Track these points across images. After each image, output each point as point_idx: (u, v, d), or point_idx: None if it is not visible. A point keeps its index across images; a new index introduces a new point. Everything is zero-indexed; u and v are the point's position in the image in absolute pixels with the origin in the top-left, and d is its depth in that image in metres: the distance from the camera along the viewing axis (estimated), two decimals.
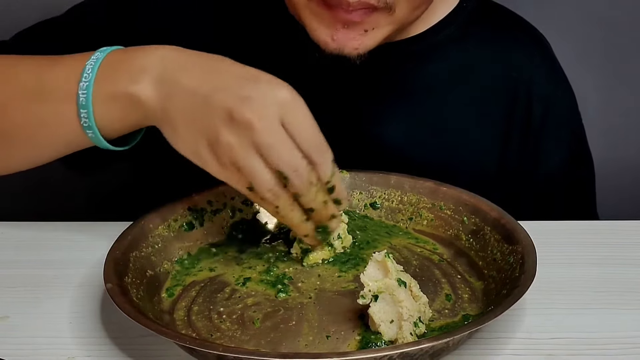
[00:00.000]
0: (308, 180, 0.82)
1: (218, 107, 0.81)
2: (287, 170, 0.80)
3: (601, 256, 0.93)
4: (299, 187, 0.82)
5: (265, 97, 0.81)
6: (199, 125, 0.81)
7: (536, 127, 1.11)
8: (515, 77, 1.10)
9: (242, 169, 0.80)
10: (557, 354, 0.77)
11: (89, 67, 0.86)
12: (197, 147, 0.82)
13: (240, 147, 0.80)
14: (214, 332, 0.78)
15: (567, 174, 1.14)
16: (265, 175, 0.81)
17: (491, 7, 1.15)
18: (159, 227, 0.90)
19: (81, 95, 0.85)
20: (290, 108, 0.81)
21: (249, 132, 0.79)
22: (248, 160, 0.80)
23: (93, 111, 0.85)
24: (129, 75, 0.85)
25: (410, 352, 0.70)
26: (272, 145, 0.80)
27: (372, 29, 0.94)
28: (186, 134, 0.83)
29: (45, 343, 0.80)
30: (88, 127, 0.86)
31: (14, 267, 0.92)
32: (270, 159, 0.80)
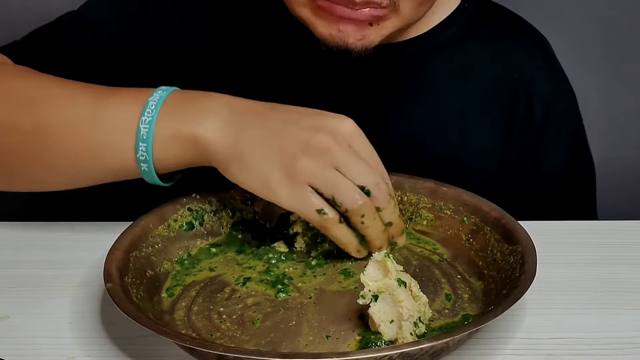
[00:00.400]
0: (388, 193, 0.87)
1: (292, 136, 0.85)
2: (370, 183, 0.85)
3: (601, 256, 0.93)
4: (382, 200, 0.86)
5: (335, 126, 0.85)
6: (273, 155, 0.84)
7: (537, 127, 1.11)
8: (516, 78, 1.10)
9: (324, 182, 0.83)
10: (557, 354, 0.77)
11: (152, 103, 0.88)
12: (268, 175, 0.84)
13: (319, 165, 0.83)
14: (214, 332, 0.78)
15: (568, 174, 1.14)
16: (351, 186, 0.84)
17: (492, 8, 1.15)
18: (159, 227, 0.90)
19: (142, 129, 0.87)
20: (356, 136, 0.86)
21: (327, 155, 0.84)
22: (330, 174, 0.84)
23: (153, 146, 0.87)
24: (194, 115, 0.88)
25: (410, 352, 0.70)
26: (351, 163, 0.84)
27: (377, 24, 0.94)
28: (256, 165, 0.85)
29: (45, 343, 0.80)
30: (144, 160, 0.88)
31: (14, 267, 0.92)
32: (352, 174, 0.84)
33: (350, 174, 0.84)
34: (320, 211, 0.84)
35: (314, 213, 0.84)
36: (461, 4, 1.11)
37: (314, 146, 0.84)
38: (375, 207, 0.86)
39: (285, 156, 0.84)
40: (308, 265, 0.89)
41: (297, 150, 0.84)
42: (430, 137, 1.09)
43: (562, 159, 1.14)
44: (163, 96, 0.89)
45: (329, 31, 0.94)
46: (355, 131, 0.86)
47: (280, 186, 0.84)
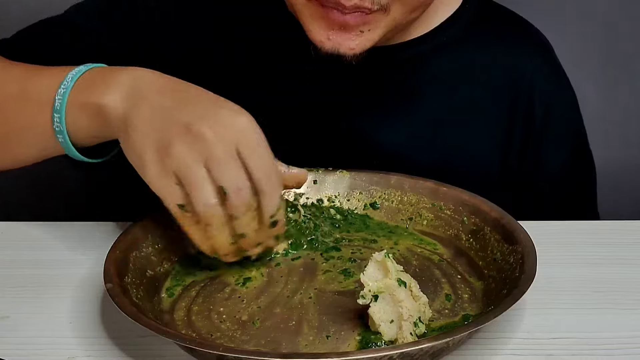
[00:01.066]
0: (248, 203, 0.82)
1: (177, 119, 0.82)
2: (229, 186, 0.81)
3: (601, 256, 0.93)
4: (236, 207, 0.81)
5: (225, 120, 0.82)
6: (154, 133, 0.82)
7: (538, 128, 1.11)
8: (518, 79, 1.10)
9: (185, 178, 0.80)
10: (557, 354, 0.77)
11: (69, 77, 0.89)
12: (143, 154, 0.82)
13: (189, 156, 0.80)
14: (213, 332, 0.78)
15: (569, 175, 1.14)
16: (206, 187, 0.81)
17: (493, 9, 1.15)
18: (159, 227, 0.90)
19: (57, 100, 0.88)
20: (247, 135, 0.82)
21: (201, 145, 0.80)
22: (193, 169, 0.80)
23: (65, 117, 0.88)
24: (103, 88, 0.87)
25: (410, 352, 0.70)
26: (220, 160, 0.80)
27: (367, 30, 0.94)
28: (138, 139, 0.83)
29: (45, 343, 0.80)
30: (59, 131, 0.89)
31: (14, 267, 0.92)
32: (215, 171, 0.80)
33: (214, 171, 0.80)
34: (182, 207, 0.82)
35: (174, 206, 0.82)
36: (462, 4, 1.11)
37: (193, 134, 0.80)
38: (228, 214, 0.82)
39: (163, 138, 0.82)
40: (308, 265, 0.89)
41: (176, 134, 0.81)
42: (431, 138, 1.09)
43: (563, 159, 1.14)
44: (82, 70, 0.90)
45: (320, 38, 0.95)
46: (246, 129, 0.82)
47: (151, 168, 0.82)
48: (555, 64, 1.14)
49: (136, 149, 0.83)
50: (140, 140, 0.83)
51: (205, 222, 0.82)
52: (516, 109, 1.10)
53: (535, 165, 1.12)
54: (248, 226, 0.83)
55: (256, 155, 0.82)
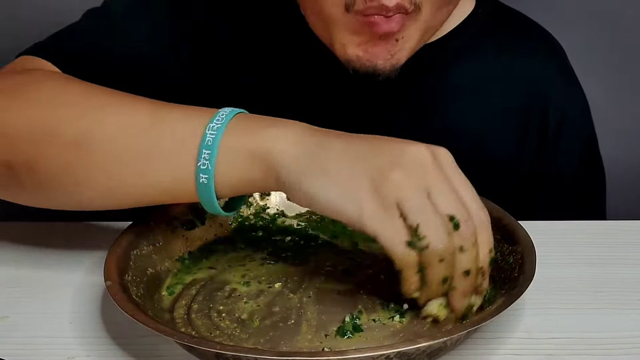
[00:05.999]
0: (475, 234, 0.75)
1: (382, 149, 0.75)
2: (459, 216, 0.73)
3: (601, 256, 0.93)
4: (467, 238, 0.74)
5: (433, 148, 0.76)
6: (360, 166, 0.74)
7: (551, 135, 1.11)
8: (531, 85, 1.10)
9: (412, 209, 0.72)
10: (557, 354, 0.77)
11: (222, 114, 0.80)
12: (355, 192, 0.73)
13: (413, 183, 0.73)
14: (213, 330, 0.79)
15: (579, 182, 1.14)
16: (438, 217, 0.73)
17: (506, 14, 1.15)
18: (160, 226, 0.90)
19: (209, 135, 0.78)
20: (454, 167, 0.76)
21: (421, 171, 0.73)
22: (420, 198, 0.73)
23: (218, 153, 0.78)
24: (267, 129, 0.78)
25: (407, 352, 0.69)
26: (445, 189, 0.74)
27: (401, 38, 0.92)
28: (340, 180, 0.74)
29: (45, 343, 0.80)
30: (205, 170, 0.78)
31: (14, 267, 0.92)
32: (443, 201, 0.73)
33: (440, 201, 0.73)
34: (411, 243, 0.73)
35: (401, 244, 0.73)
36: (475, 9, 1.11)
37: (408, 157, 0.74)
38: (457, 247, 0.74)
39: (376, 167, 0.73)
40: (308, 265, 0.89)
41: (388, 161, 0.73)
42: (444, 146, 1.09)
43: (573, 165, 1.14)
44: (235, 111, 0.81)
45: (356, 52, 0.93)
46: (453, 161, 0.76)
47: (368, 202, 0.73)
48: (568, 70, 1.14)
49: (344, 186, 0.74)
50: (344, 177, 0.74)
51: (439, 257, 0.73)
52: (530, 115, 1.10)
53: (547, 170, 1.12)
54: (474, 262, 0.75)
55: (466, 186, 0.76)
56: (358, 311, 0.80)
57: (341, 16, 0.92)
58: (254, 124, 0.79)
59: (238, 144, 0.78)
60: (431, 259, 0.73)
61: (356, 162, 0.74)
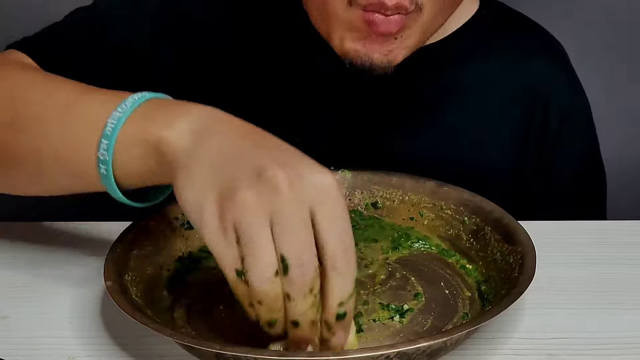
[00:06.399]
0: (309, 284, 0.67)
1: (250, 160, 0.69)
2: (292, 259, 0.66)
3: (601, 256, 0.93)
4: (295, 286, 0.66)
5: (306, 173, 0.68)
6: (220, 174, 0.69)
7: (552, 137, 1.11)
8: (535, 87, 1.10)
9: (245, 237, 0.66)
10: (557, 354, 0.77)
11: (129, 102, 0.77)
12: (203, 200, 0.69)
13: (255, 209, 0.66)
14: (213, 330, 0.79)
15: (580, 183, 1.14)
16: (267, 255, 0.66)
17: (510, 16, 1.15)
18: (160, 226, 0.90)
19: (109, 124, 0.76)
20: (329, 197, 0.67)
21: (272, 197, 0.66)
22: (256, 228, 0.66)
23: (115, 144, 0.76)
24: (166, 119, 0.75)
25: (407, 352, 0.69)
26: (289, 221, 0.66)
27: (400, 36, 0.93)
28: (199, 182, 0.70)
29: (45, 343, 0.80)
30: (103, 161, 0.76)
31: (14, 267, 0.92)
32: (281, 237, 0.66)
33: (280, 235, 0.66)
34: (241, 273, 0.68)
35: (231, 271, 0.68)
36: (478, 10, 1.11)
37: (264, 179, 0.66)
38: (285, 294, 0.67)
39: (229, 180, 0.68)
40: None
41: (245, 178, 0.67)
42: (444, 146, 1.09)
43: (574, 167, 1.14)
44: (145, 97, 0.78)
45: (354, 47, 0.93)
46: (330, 190, 0.67)
47: (210, 217, 0.68)
48: (571, 72, 1.14)
49: (196, 192, 0.70)
50: (203, 182, 0.70)
51: (257, 298, 0.67)
52: (533, 116, 1.10)
53: (547, 172, 1.13)
54: (304, 314, 0.68)
55: (335, 224, 0.67)
56: (358, 312, 0.80)
57: (343, 11, 0.92)
58: (157, 112, 0.76)
59: (134, 133, 0.76)
60: (252, 298, 0.68)
61: (215, 170, 0.69)
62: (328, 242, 0.67)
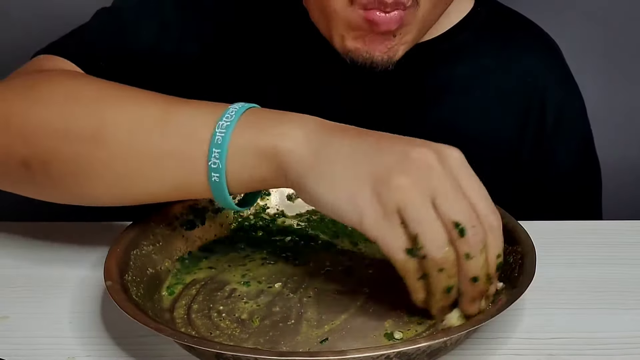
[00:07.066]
0: (484, 240, 0.72)
1: (389, 148, 0.73)
2: (465, 222, 0.71)
3: (601, 256, 0.93)
4: (475, 245, 0.72)
5: (441, 148, 0.74)
6: (363, 169, 0.72)
7: (548, 132, 1.11)
8: (529, 83, 1.10)
9: (412, 216, 0.70)
10: (557, 354, 0.77)
11: (232, 110, 0.79)
12: (355, 195, 0.72)
13: (416, 190, 0.71)
14: (213, 330, 0.79)
15: (575, 180, 1.14)
16: (439, 227, 0.71)
17: (504, 13, 1.15)
18: (160, 226, 0.90)
19: (218, 134, 0.77)
20: (464, 167, 0.74)
21: (427, 174, 0.71)
22: (422, 205, 0.71)
23: (227, 153, 0.77)
24: (277, 125, 0.77)
25: (407, 352, 0.70)
26: (450, 195, 0.71)
27: (399, 33, 0.94)
28: (342, 182, 0.73)
29: (45, 343, 0.80)
30: (216, 169, 0.78)
31: (14, 267, 0.92)
32: (449, 207, 0.71)
33: (445, 207, 0.71)
34: (411, 251, 0.72)
35: (400, 252, 0.72)
36: (474, 8, 1.11)
37: (414, 160, 0.72)
38: (463, 254, 0.72)
39: (380, 171, 0.72)
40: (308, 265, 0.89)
41: (394, 163, 0.72)
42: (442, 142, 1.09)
43: (570, 163, 1.14)
44: (245, 106, 0.80)
45: (354, 45, 0.94)
46: (464, 162, 0.74)
47: (368, 208, 0.71)
48: (565, 68, 1.15)
49: (344, 188, 0.73)
50: (349, 178, 0.73)
51: (438, 267, 0.72)
52: (528, 113, 1.10)
53: (544, 168, 1.13)
54: (482, 268, 0.73)
55: (477, 188, 0.73)
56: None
57: (343, 10, 0.93)
58: (263, 121, 0.79)
59: (247, 142, 0.77)
60: (430, 269, 0.72)
61: (359, 165, 0.73)
62: (478, 205, 0.73)
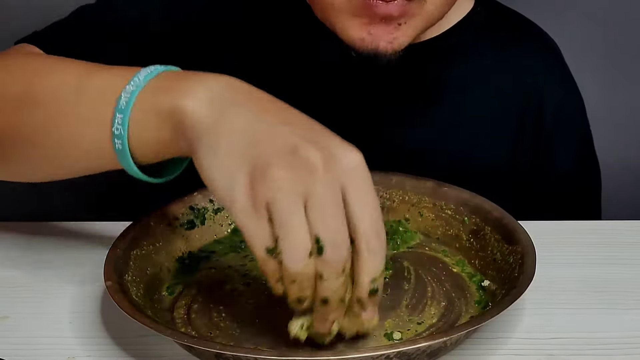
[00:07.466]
0: (343, 264, 0.67)
1: (281, 136, 0.68)
2: (328, 240, 0.66)
3: (601, 256, 0.93)
4: (329, 267, 0.67)
5: (337, 151, 0.68)
6: (250, 150, 0.68)
7: (547, 132, 1.11)
8: (528, 83, 1.11)
9: (279, 216, 0.66)
10: (557, 354, 0.77)
11: (141, 75, 0.76)
12: (233, 176, 0.68)
13: (290, 189, 0.66)
14: (213, 330, 0.79)
15: (574, 179, 1.14)
16: (302, 236, 0.66)
17: (504, 13, 1.16)
18: (160, 226, 0.90)
19: (123, 97, 0.75)
20: (359, 175, 0.68)
21: (307, 177, 0.66)
22: (291, 208, 0.66)
23: (130, 117, 0.74)
24: (183, 90, 0.73)
25: (407, 352, 0.70)
26: (325, 201, 0.66)
27: (404, 23, 0.93)
28: (226, 157, 0.69)
29: (45, 343, 0.80)
30: (118, 135, 0.75)
31: (14, 267, 0.92)
32: (316, 218, 0.66)
33: (314, 217, 0.66)
34: (271, 251, 0.68)
35: (261, 249, 0.68)
36: (473, 8, 1.11)
37: (299, 157, 0.67)
38: (318, 273, 0.68)
39: (261, 158, 0.67)
40: None
41: (277, 156, 0.67)
42: (440, 142, 1.09)
43: (569, 163, 1.14)
44: (158, 70, 0.77)
45: (360, 35, 0.94)
46: (358, 168, 0.68)
47: (241, 194, 0.67)
48: (564, 68, 1.15)
49: (224, 168, 0.69)
50: (230, 157, 0.69)
51: (290, 278, 0.68)
52: (527, 112, 1.11)
53: (542, 168, 1.13)
54: (335, 292, 0.69)
55: (366, 203, 0.68)
56: None
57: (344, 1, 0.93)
58: (170, 82, 0.75)
59: (149, 105, 0.74)
60: (284, 277, 0.68)
61: (247, 146, 0.68)
62: (361, 222, 0.67)
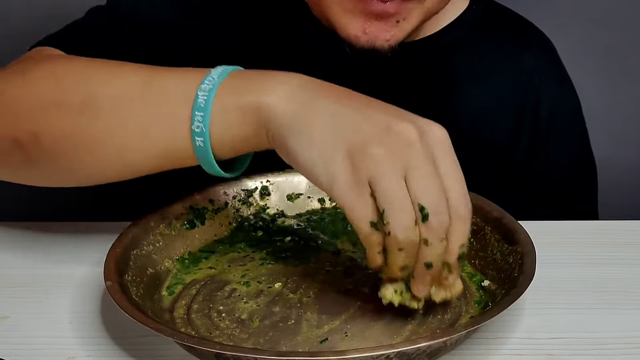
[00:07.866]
0: (446, 228, 0.71)
1: (372, 117, 0.72)
2: (432, 207, 0.70)
3: (601, 256, 0.93)
4: (435, 231, 0.70)
5: (426, 126, 0.72)
6: (343, 133, 0.71)
7: (543, 131, 1.11)
8: (525, 81, 1.11)
9: (383, 189, 0.69)
10: (557, 354, 0.77)
11: (214, 73, 0.78)
12: (332, 158, 0.71)
13: (391, 163, 0.69)
14: (213, 330, 0.79)
15: (570, 177, 1.14)
16: (407, 207, 0.69)
17: (499, 11, 1.16)
18: (160, 226, 0.90)
19: (200, 96, 0.76)
20: (447, 148, 0.72)
21: (405, 150, 0.70)
22: (394, 180, 0.69)
23: (210, 115, 0.76)
24: (261, 84, 0.76)
25: (407, 352, 0.70)
26: (424, 174, 0.70)
27: (402, 19, 0.94)
28: (322, 142, 0.72)
29: (45, 343, 0.80)
30: (200, 133, 0.77)
31: (14, 267, 0.92)
32: (419, 187, 0.69)
33: (415, 186, 0.69)
34: (376, 225, 0.71)
35: (365, 223, 0.71)
36: (469, 6, 1.11)
37: (395, 133, 0.70)
38: (422, 238, 0.71)
39: (358, 137, 0.70)
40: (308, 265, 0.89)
41: (374, 133, 0.70)
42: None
43: (565, 161, 1.14)
44: (227, 69, 0.79)
45: (355, 32, 0.94)
46: (446, 141, 0.72)
47: (341, 173, 0.70)
48: (560, 67, 1.15)
49: (321, 150, 0.71)
50: (326, 140, 0.71)
51: (399, 246, 0.71)
52: (523, 111, 1.11)
53: (539, 166, 1.13)
54: (439, 256, 0.72)
55: (453, 172, 0.72)
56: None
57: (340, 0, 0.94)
58: (246, 81, 0.78)
59: (229, 103, 0.76)
60: (391, 246, 0.71)
61: (340, 129, 0.72)
62: (451, 191, 0.71)
